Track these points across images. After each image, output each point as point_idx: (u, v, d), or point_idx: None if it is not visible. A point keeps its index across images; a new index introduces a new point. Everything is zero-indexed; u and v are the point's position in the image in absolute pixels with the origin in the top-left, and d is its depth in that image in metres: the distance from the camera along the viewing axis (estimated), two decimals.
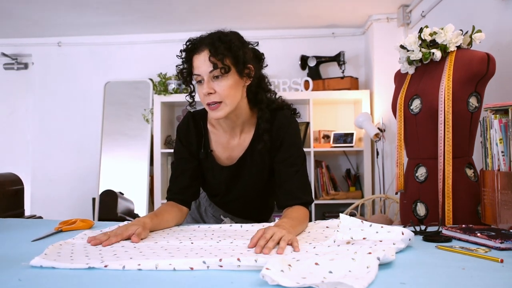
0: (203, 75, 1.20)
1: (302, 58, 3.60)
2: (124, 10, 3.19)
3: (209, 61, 1.18)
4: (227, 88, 1.21)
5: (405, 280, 0.72)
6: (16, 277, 0.75)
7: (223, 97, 1.21)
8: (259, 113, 1.32)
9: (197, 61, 1.21)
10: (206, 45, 1.20)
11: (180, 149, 1.37)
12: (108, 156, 3.65)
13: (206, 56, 1.19)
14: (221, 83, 1.20)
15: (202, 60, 1.20)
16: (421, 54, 1.53)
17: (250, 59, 1.26)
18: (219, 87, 1.20)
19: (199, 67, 1.21)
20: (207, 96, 1.21)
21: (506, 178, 1.18)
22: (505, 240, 0.93)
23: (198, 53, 1.21)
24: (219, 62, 1.18)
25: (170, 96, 3.46)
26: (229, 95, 1.22)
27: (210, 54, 1.19)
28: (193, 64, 1.23)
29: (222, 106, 1.22)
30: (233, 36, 1.24)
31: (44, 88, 3.89)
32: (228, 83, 1.21)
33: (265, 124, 1.30)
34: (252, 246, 0.94)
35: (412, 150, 1.61)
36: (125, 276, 0.76)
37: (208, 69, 1.19)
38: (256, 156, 1.34)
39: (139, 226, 1.07)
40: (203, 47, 1.20)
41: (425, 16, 2.78)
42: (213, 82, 1.20)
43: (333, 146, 3.42)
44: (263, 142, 1.29)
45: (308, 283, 0.67)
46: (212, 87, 1.20)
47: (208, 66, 1.19)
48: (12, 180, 2.44)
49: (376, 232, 0.96)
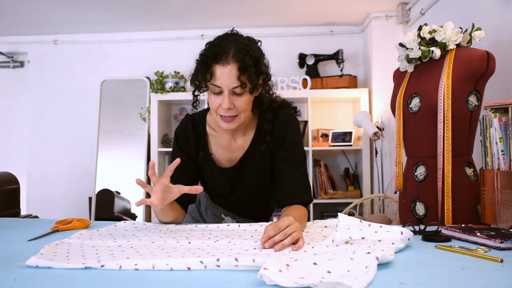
0: (224, 89, 1.16)
1: (300, 56, 3.59)
2: (121, 8, 3.18)
3: (236, 78, 1.14)
4: (246, 103, 1.20)
5: (404, 280, 0.71)
6: (12, 277, 0.74)
7: (240, 112, 1.20)
8: (262, 114, 1.32)
9: (220, 72, 1.15)
10: (234, 59, 1.14)
11: (178, 152, 1.35)
12: (105, 155, 3.64)
13: (233, 71, 1.14)
14: (242, 98, 1.18)
15: (227, 74, 1.14)
16: (420, 52, 1.53)
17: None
18: (239, 102, 1.18)
19: (222, 80, 1.15)
20: (224, 110, 1.19)
21: (506, 177, 1.17)
22: (505, 240, 0.93)
23: (223, 65, 1.14)
24: (246, 80, 1.16)
25: (167, 94, 3.45)
26: (247, 110, 1.22)
27: (239, 71, 1.14)
28: (215, 75, 1.16)
29: (237, 119, 1.22)
30: (256, 48, 1.21)
31: (40, 87, 3.88)
32: (248, 99, 1.20)
33: (268, 125, 1.29)
34: (267, 239, 0.93)
35: (411, 149, 1.60)
36: (121, 276, 0.75)
37: (232, 84, 1.15)
38: (257, 156, 1.33)
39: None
40: (229, 59, 1.14)
41: (424, 13, 2.77)
42: (233, 97, 1.18)
43: (331, 145, 3.42)
44: (266, 143, 1.29)
45: (306, 283, 0.67)
46: (232, 102, 1.18)
47: (233, 82, 1.15)
48: (7, 179, 2.42)
49: (375, 232, 0.95)
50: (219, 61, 1.15)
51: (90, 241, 1.02)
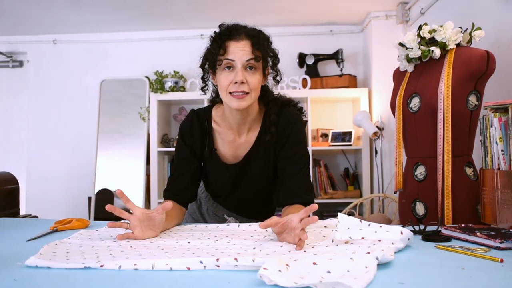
0: (237, 62, 1.19)
1: (300, 56, 3.59)
2: (121, 7, 3.17)
3: (251, 51, 1.18)
4: (257, 81, 1.22)
5: (404, 280, 0.71)
6: (11, 277, 0.74)
7: (252, 89, 1.21)
8: (268, 107, 1.33)
9: (233, 47, 1.19)
10: (247, 35, 1.20)
11: (182, 148, 1.34)
12: (104, 155, 3.63)
13: (247, 45, 1.19)
14: (254, 75, 1.21)
15: (241, 48, 1.19)
16: (420, 52, 1.53)
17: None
18: (251, 78, 1.20)
19: (236, 53, 1.19)
20: (236, 85, 1.19)
21: (506, 177, 1.17)
22: (505, 240, 0.92)
23: (237, 40, 1.19)
24: (260, 55, 1.20)
25: (167, 94, 3.44)
26: (257, 89, 1.23)
27: (252, 46, 1.19)
28: (228, 49, 1.19)
29: (248, 97, 1.22)
30: (265, 33, 1.27)
31: (39, 86, 3.87)
32: (258, 77, 1.23)
33: (274, 116, 1.30)
34: (297, 242, 0.94)
35: (411, 148, 1.60)
36: (121, 276, 0.75)
37: (246, 57, 1.19)
38: (262, 153, 1.33)
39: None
40: (242, 36, 1.20)
41: (424, 13, 2.77)
42: (245, 72, 1.20)
43: (331, 145, 3.42)
44: (270, 133, 1.29)
45: (306, 283, 0.66)
46: (244, 77, 1.19)
47: (247, 54, 1.19)
48: (7, 179, 2.41)
49: (375, 232, 0.95)
50: (232, 38, 1.20)
51: (89, 241, 1.02)
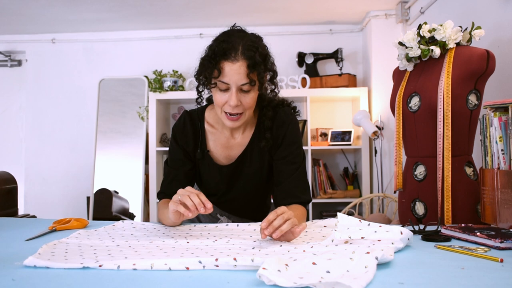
0: (232, 85, 1.15)
1: (299, 55, 3.59)
2: (119, 6, 3.17)
3: (246, 75, 1.14)
4: (253, 100, 1.20)
5: (403, 280, 0.71)
6: (10, 277, 0.74)
7: (246, 108, 1.20)
8: (262, 111, 1.31)
9: (228, 69, 1.14)
10: (243, 56, 1.14)
11: (175, 149, 1.34)
12: (103, 155, 3.62)
13: (242, 68, 1.13)
14: (249, 95, 1.18)
15: (236, 70, 1.13)
16: (420, 51, 1.52)
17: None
18: (246, 99, 1.18)
19: (231, 77, 1.14)
20: (230, 107, 1.17)
21: (506, 176, 1.17)
22: (505, 240, 0.92)
23: (232, 61, 1.14)
24: (255, 78, 1.16)
25: (166, 93, 3.44)
26: (252, 107, 1.21)
27: (248, 68, 1.14)
28: (223, 71, 1.14)
29: (242, 117, 1.21)
30: (263, 45, 1.21)
31: (38, 86, 3.86)
32: (254, 96, 1.19)
33: (268, 122, 1.29)
34: (268, 224, 0.95)
35: (410, 148, 1.60)
36: (120, 276, 0.75)
37: (241, 81, 1.15)
38: (255, 154, 1.33)
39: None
40: (238, 56, 1.13)
41: (424, 12, 2.77)
42: (240, 94, 1.17)
43: (330, 144, 3.41)
44: (265, 139, 1.28)
45: (305, 283, 0.66)
46: (239, 99, 1.17)
47: (242, 79, 1.14)
48: (5, 179, 2.41)
49: (375, 232, 0.95)
50: (228, 58, 1.14)
51: (88, 241, 1.01)
